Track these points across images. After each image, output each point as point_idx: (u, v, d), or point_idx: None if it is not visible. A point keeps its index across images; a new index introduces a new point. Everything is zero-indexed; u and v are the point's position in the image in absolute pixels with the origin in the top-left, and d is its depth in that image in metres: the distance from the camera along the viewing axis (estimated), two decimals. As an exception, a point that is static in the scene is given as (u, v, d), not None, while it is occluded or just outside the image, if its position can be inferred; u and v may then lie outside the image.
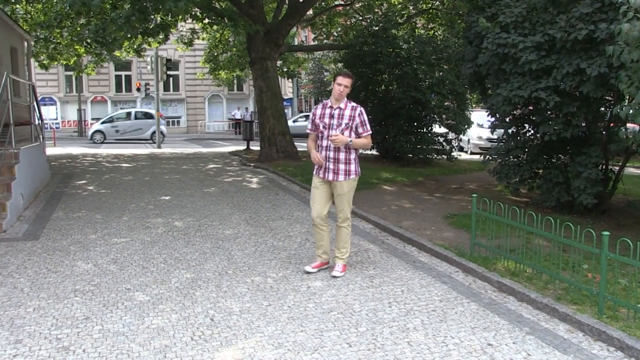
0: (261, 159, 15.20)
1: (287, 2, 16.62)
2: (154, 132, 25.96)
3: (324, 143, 5.36)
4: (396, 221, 7.61)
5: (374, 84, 15.47)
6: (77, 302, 4.67)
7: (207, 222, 7.68)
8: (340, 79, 5.28)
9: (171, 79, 36.14)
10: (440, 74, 14.52)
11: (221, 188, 10.75)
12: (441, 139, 15.01)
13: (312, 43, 25.85)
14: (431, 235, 6.89)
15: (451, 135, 15.19)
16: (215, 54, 24.52)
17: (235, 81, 35.77)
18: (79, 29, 17.20)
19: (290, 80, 33.46)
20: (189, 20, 15.76)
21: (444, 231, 7.14)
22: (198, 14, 15.16)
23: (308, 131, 5.58)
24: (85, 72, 25.67)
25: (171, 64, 26.83)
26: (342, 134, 5.23)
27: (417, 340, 3.98)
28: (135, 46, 19.07)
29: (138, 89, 33.09)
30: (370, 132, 5.39)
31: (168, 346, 3.86)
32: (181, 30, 20.86)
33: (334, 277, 5.33)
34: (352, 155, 5.36)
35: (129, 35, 14.89)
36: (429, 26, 19.21)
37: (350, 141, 5.24)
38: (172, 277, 5.33)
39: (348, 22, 20.63)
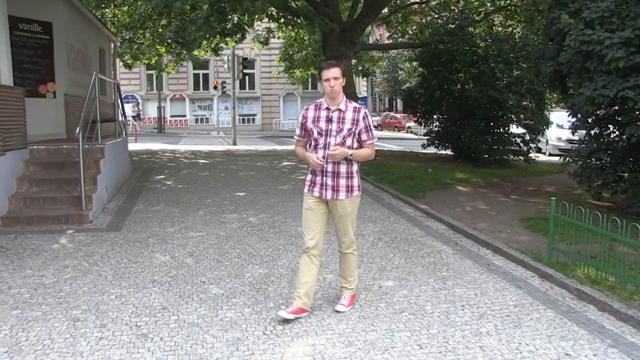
0: (335, 157, 15.21)
1: (362, 0, 16.60)
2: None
3: (320, 153, 4.27)
4: (470, 223, 7.46)
5: (449, 83, 15.24)
6: (155, 292, 4.86)
7: (280, 219, 7.79)
8: (325, 73, 4.22)
9: (247, 77, 36.91)
10: (519, 72, 14.10)
11: (295, 185, 10.88)
12: (518, 140, 14.59)
13: (386, 41, 25.70)
14: (506, 238, 6.72)
15: (529, 136, 14.74)
16: (291, 52, 24.83)
17: (309, 79, 36.06)
18: (160, 29, 17.85)
19: (364, 79, 33.38)
20: (265, 20, 16.01)
21: (520, 234, 6.95)
22: (274, 13, 15.39)
23: (296, 138, 4.52)
24: (166, 71, 26.65)
25: (247, 63, 27.40)
26: (344, 142, 4.24)
27: (489, 346, 3.89)
28: (213, 45, 19.58)
29: (215, 87, 33.95)
30: (375, 139, 4.45)
31: (240, 339, 3.95)
32: (257, 30, 21.24)
33: (338, 311, 4.45)
34: (355, 167, 4.37)
35: (207, 35, 15.32)
36: (507, 23, 18.73)
37: (351, 154, 4.24)
38: (246, 272, 5.44)
39: (423, 20, 20.41)
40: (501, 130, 14.52)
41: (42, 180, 7.94)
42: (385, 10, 18.43)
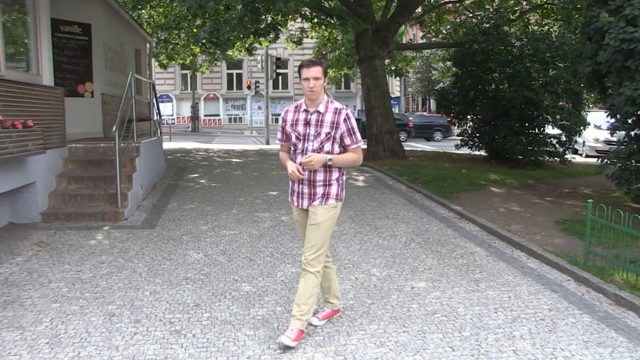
0: (367, 158, 15.19)
1: (395, 0, 16.54)
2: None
3: (298, 159, 3.89)
4: (504, 224, 7.37)
5: (483, 82, 15.06)
6: (188, 290, 4.92)
7: (312, 219, 7.80)
8: (304, 72, 3.78)
9: (280, 77, 37.09)
10: (555, 72, 13.84)
11: (327, 185, 10.86)
12: (554, 141, 14.34)
13: (420, 41, 25.54)
14: (541, 240, 6.62)
15: (565, 137, 14.48)
16: (324, 52, 24.84)
17: (342, 79, 36.04)
18: (195, 30, 18.06)
19: (397, 78, 33.24)
20: (299, 20, 16.07)
21: (555, 237, 6.83)
22: (307, 13, 15.43)
23: (278, 141, 4.13)
24: (200, 71, 26.95)
25: (280, 63, 27.56)
26: (322, 147, 3.82)
27: (523, 350, 3.84)
28: (246, 45, 19.71)
29: (248, 87, 34.20)
30: (361, 143, 3.97)
31: (272, 337, 3.97)
32: (291, 30, 21.32)
33: (283, 344, 3.75)
34: (335, 175, 3.91)
35: (241, 35, 15.43)
36: (544, 22, 18.40)
37: (330, 160, 3.81)
38: (278, 271, 5.47)
39: (457, 20, 20.20)
40: (536, 130, 14.30)
41: (79, 177, 8.11)
42: (419, 9, 18.32)
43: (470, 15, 19.52)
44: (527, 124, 14.22)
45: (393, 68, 25.48)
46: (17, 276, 5.22)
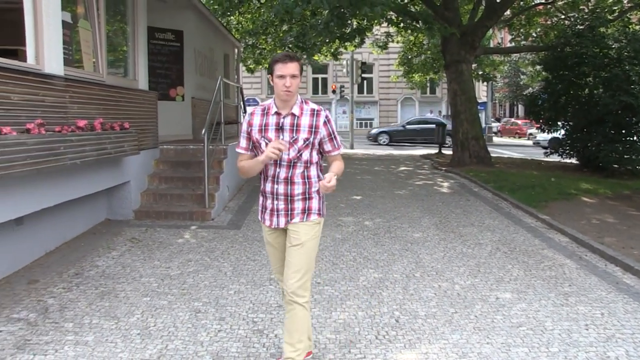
0: (453, 164, 14.97)
1: (483, 3, 16.17)
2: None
3: (270, 172, 3.33)
4: (597, 237, 7.02)
5: (576, 87, 14.41)
6: (271, 290, 5.00)
7: (396, 224, 7.75)
8: (280, 68, 3.16)
9: (365, 81, 37.09)
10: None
11: (412, 191, 10.79)
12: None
13: (508, 45, 24.81)
14: (639, 255, 6.25)
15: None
16: (410, 56, 24.63)
17: (428, 84, 35.61)
18: (281, 35, 18.38)
19: (485, 83, 32.46)
20: (384, 24, 16.03)
21: (655, 251, 6.44)
22: (393, 17, 15.35)
23: (239, 151, 3.43)
24: (287, 75, 27.21)
25: (366, 67, 27.50)
26: (300, 156, 3.27)
27: (618, 369, 3.64)
28: (332, 50, 19.85)
29: (333, 91, 34.38)
30: (342, 148, 3.48)
31: (353, 342, 3.97)
32: (376, 34, 21.28)
33: None
34: (315, 187, 3.36)
35: (327, 40, 15.57)
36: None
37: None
38: (361, 276, 5.47)
39: (549, 22, 19.43)
40: (634, 138, 13.52)
41: (170, 178, 8.44)
42: (508, 12, 17.79)
43: (563, 17, 18.74)
44: (624, 131, 13.48)
45: (480, 73, 24.93)
46: (113, 269, 5.51)
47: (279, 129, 3.25)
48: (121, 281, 5.19)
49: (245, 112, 12.27)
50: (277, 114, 3.27)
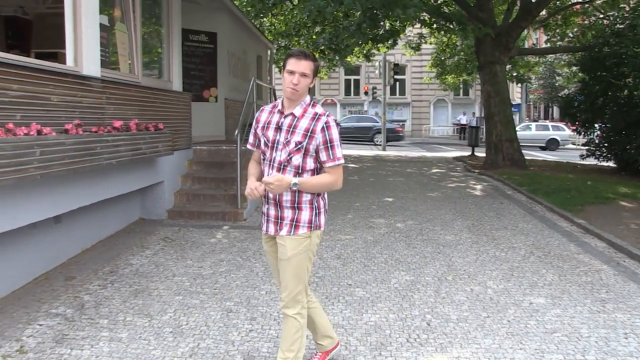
0: (486, 166, 14.80)
1: (518, 3, 15.95)
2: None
3: (265, 172, 3.19)
4: (636, 242, 6.85)
5: (614, 89, 14.09)
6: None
7: (428, 227, 7.70)
8: (292, 63, 3.04)
9: (397, 83, 36.93)
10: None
11: (444, 193, 10.70)
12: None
13: (543, 45, 24.42)
14: (679, 261, 6.09)
15: None
16: (443, 58, 24.46)
17: (461, 86, 35.30)
18: (314, 37, 18.44)
19: (519, 85, 32.03)
20: (417, 25, 15.95)
21: (696, 258, 6.26)
22: (426, 19, 15.26)
23: (249, 147, 3.40)
24: (319, 77, 27.31)
25: (398, 69, 27.38)
26: (290, 160, 3.09)
27: (657, 379, 3.54)
28: (364, 51, 19.83)
29: (366, 93, 34.38)
30: (342, 161, 3.15)
31: (383, 344, 3.96)
32: (409, 35, 21.18)
33: None
34: (306, 197, 3.14)
35: (359, 42, 15.56)
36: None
37: (295, 184, 3.02)
38: (392, 278, 5.44)
39: (586, 22, 19.04)
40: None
41: (203, 178, 8.53)
42: (544, 12, 17.51)
43: (601, 16, 18.35)
44: (665, 134, 13.14)
45: (514, 74, 24.60)
46: (146, 268, 5.60)
47: (278, 128, 3.12)
48: (154, 280, 5.26)
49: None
50: (280, 112, 3.16)
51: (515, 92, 38.75)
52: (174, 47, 8.31)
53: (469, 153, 19.38)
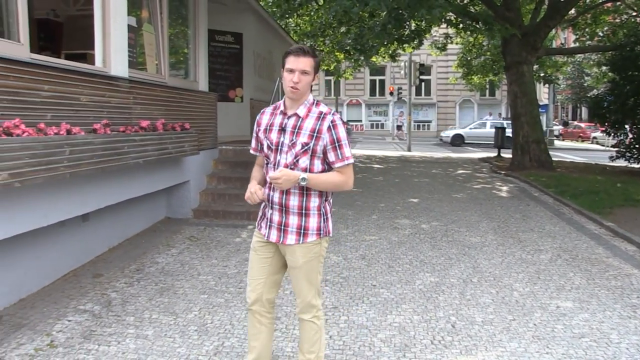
0: (512, 167, 14.64)
1: (546, 2, 15.74)
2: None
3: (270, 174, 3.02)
4: (667, 245, 6.72)
5: (646, 89, 13.84)
6: (327, 292, 5.01)
7: (454, 228, 7.65)
8: (291, 61, 2.91)
9: (423, 83, 36.70)
10: None
11: (470, 194, 10.61)
12: None
13: (572, 45, 24.06)
14: None
15: None
16: (469, 58, 24.27)
17: (487, 86, 35.00)
18: (339, 37, 18.44)
19: (546, 85, 31.61)
20: (443, 25, 15.83)
21: None
22: (452, 18, 15.14)
23: (252, 152, 3.31)
24: (344, 77, 27.40)
25: (424, 69, 27.25)
26: (297, 162, 2.95)
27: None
28: (390, 52, 19.76)
29: (391, 93, 34.29)
30: (352, 160, 3.00)
31: (408, 346, 3.94)
32: (435, 35, 21.05)
33: None
34: (314, 202, 3.02)
35: (385, 42, 15.51)
36: None
37: (303, 179, 2.90)
38: (417, 279, 5.41)
39: (617, 20, 18.70)
40: None
41: (228, 178, 8.58)
42: (572, 11, 17.24)
43: (634, 14, 18.00)
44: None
45: (542, 75, 24.29)
46: (172, 266, 5.65)
47: (281, 130, 2.99)
48: (180, 278, 5.31)
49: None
50: (283, 113, 3.02)
51: (543, 93, 38.26)
52: (200, 47, 8.39)
53: (495, 154, 19.20)
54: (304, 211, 2.99)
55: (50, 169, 4.16)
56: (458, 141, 29.62)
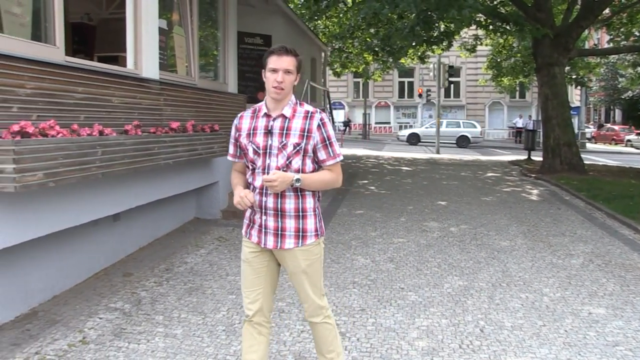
0: (543, 170, 14.43)
1: (579, 2, 15.48)
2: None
3: (258, 182, 2.92)
4: (703, 251, 6.56)
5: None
6: (354, 294, 5.01)
7: (483, 231, 7.57)
8: (273, 61, 2.88)
9: (452, 85, 36.45)
10: None
11: (499, 198, 10.49)
12: None
13: (606, 45, 23.61)
14: None
15: None
16: (499, 59, 24.00)
17: (517, 88, 34.58)
18: (368, 39, 18.40)
19: (578, 88, 31.11)
20: (473, 27, 15.69)
21: None
22: (482, 20, 15.00)
23: (229, 158, 3.15)
24: (372, 79, 27.35)
25: (453, 71, 27.05)
26: (290, 164, 2.88)
27: None
28: (419, 53, 19.66)
29: (420, 95, 34.16)
30: (341, 157, 3.03)
31: (435, 349, 3.91)
32: (464, 37, 20.88)
33: None
34: (310, 203, 2.97)
35: (413, 44, 15.44)
36: None
37: (298, 180, 2.84)
38: (445, 283, 5.37)
39: (655, 19, 18.26)
40: None
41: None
42: (607, 10, 16.90)
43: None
44: None
45: (574, 76, 23.86)
46: (200, 266, 5.70)
47: (268, 132, 2.89)
48: (208, 278, 5.36)
49: (331, 115, 12.36)
50: (267, 115, 2.92)
51: (575, 95, 37.62)
52: (230, 49, 8.45)
53: (525, 157, 18.94)
54: (300, 213, 2.94)
55: (83, 169, 4.23)
56: (414, 140, 30.88)
